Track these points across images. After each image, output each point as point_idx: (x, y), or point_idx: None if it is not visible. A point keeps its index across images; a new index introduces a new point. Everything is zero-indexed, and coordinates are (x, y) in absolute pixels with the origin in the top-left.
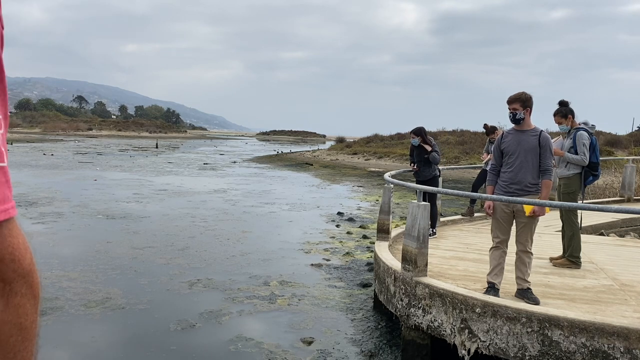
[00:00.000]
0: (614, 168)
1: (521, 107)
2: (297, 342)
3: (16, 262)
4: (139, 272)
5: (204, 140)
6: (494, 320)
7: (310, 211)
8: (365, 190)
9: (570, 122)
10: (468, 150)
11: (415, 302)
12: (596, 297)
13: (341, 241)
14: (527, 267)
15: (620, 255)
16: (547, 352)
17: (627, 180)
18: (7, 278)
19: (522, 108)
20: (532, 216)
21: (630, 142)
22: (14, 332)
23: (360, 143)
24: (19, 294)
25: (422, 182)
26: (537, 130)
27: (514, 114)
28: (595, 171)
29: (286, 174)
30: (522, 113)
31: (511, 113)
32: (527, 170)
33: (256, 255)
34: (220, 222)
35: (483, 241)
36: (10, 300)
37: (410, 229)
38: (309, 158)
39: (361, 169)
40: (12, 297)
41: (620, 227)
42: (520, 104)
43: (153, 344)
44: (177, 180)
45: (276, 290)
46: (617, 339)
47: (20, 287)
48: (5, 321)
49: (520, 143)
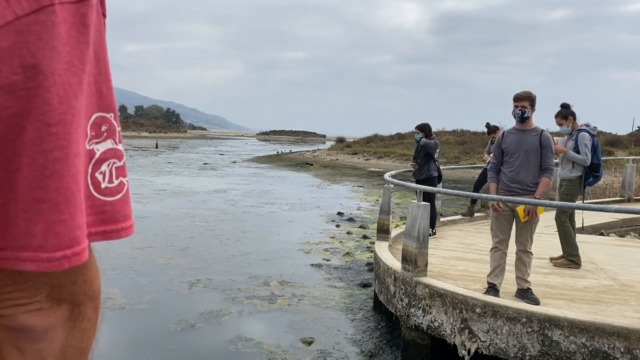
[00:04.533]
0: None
1: (530, 106)
2: (297, 342)
3: (88, 284)
4: (139, 272)
5: (204, 140)
6: (494, 321)
7: (310, 211)
8: (365, 190)
9: (571, 124)
10: (468, 150)
11: (416, 302)
12: (596, 297)
13: (341, 241)
14: (527, 267)
15: (621, 255)
16: (547, 352)
17: (627, 180)
18: (77, 300)
19: (530, 107)
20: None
21: (631, 142)
22: (76, 356)
23: (360, 143)
24: (86, 317)
25: (418, 182)
26: (539, 130)
27: (523, 111)
28: (597, 172)
29: (286, 174)
30: (529, 112)
31: (520, 110)
32: (529, 169)
33: (256, 255)
34: (220, 222)
35: (483, 241)
36: (78, 324)
37: (410, 229)
38: (308, 158)
39: (361, 169)
40: (80, 321)
41: (620, 227)
42: (529, 102)
43: (153, 344)
44: (177, 180)
45: (276, 290)
46: (617, 339)
47: (88, 310)
48: (70, 345)
49: (521, 142)
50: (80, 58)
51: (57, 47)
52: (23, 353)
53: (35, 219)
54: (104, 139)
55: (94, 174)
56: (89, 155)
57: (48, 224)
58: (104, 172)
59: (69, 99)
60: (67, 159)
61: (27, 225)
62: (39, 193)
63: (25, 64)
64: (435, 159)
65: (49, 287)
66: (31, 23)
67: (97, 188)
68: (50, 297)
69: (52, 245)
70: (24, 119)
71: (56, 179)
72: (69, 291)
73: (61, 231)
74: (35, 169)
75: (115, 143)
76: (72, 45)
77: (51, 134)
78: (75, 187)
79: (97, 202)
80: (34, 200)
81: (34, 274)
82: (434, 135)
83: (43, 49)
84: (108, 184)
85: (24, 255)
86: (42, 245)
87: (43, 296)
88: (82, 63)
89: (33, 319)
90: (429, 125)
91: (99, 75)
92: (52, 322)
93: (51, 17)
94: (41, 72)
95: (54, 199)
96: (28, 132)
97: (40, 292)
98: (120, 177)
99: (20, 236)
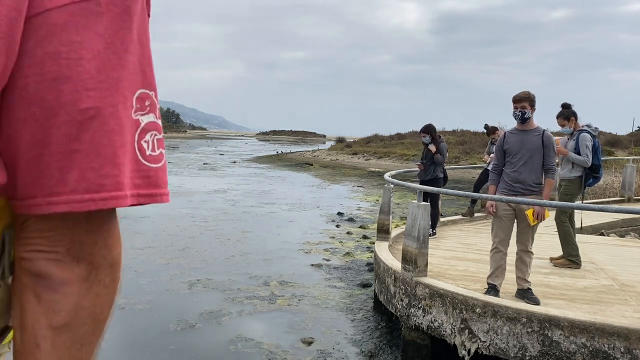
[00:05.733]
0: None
1: (530, 107)
2: (297, 342)
3: (107, 249)
4: (139, 272)
5: (204, 140)
6: (494, 321)
7: (310, 211)
8: (365, 190)
9: (573, 124)
10: (468, 150)
11: (416, 302)
12: (596, 297)
13: (341, 241)
14: (527, 267)
15: (621, 255)
16: (548, 353)
17: (627, 181)
18: (96, 263)
19: (530, 107)
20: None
21: (631, 142)
22: (88, 321)
23: (360, 143)
24: (102, 283)
25: (423, 182)
26: (540, 130)
27: (523, 112)
28: (597, 173)
29: (286, 174)
30: (530, 112)
31: (520, 111)
32: (532, 170)
33: (256, 255)
34: (220, 222)
35: (483, 241)
36: (94, 288)
37: (411, 229)
38: (308, 158)
39: (361, 169)
40: (96, 285)
41: (620, 227)
42: (529, 103)
43: (153, 344)
44: (177, 180)
45: (276, 290)
46: (618, 339)
47: (105, 277)
48: (83, 307)
49: (523, 143)
50: (121, 40)
51: (99, 28)
52: (39, 301)
53: (69, 167)
54: (147, 112)
55: (140, 141)
56: (135, 125)
57: (81, 171)
58: (148, 141)
59: (107, 71)
60: (100, 118)
61: (62, 173)
62: (75, 145)
63: (71, 39)
64: None
65: (70, 242)
66: (82, 8)
67: (143, 154)
68: (71, 253)
69: (82, 189)
70: (62, 83)
71: (90, 133)
72: (88, 251)
73: (91, 177)
74: (74, 124)
75: (156, 117)
76: (114, 29)
77: (88, 96)
78: (106, 142)
79: (143, 167)
80: (70, 151)
81: (58, 225)
82: (441, 137)
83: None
84: (152, 152)
85: (55, 200)
86: (74, 188)
87: (64, 249)
88: (124, 44)
89: (52, 268)
90: (433, 126)
91: (143, 58)
92: (69, 277)
93: (98, 7)
94: (83, 47)
95: (87, 150)
96: (65, 94)
97: (61, 244)
98: (160, 148)
99: (53, 184)
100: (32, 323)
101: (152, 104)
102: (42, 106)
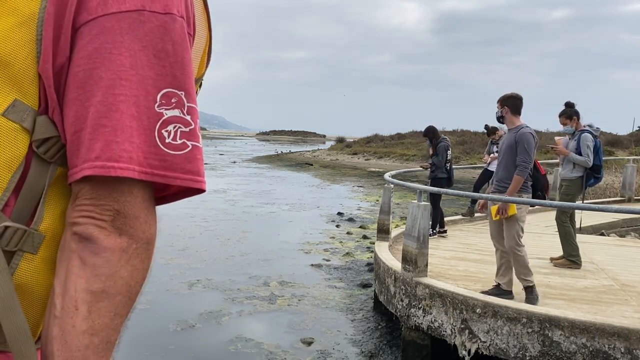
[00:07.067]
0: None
1: (500, 106)
2: (297, 342)
3: (146, 225)
4: None
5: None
6: (494, 321)
7: (310, 211)
8: (365, 190)
9: (575, 124)
10: (468, 150)
11: (416, 302)
12: (596, 297)
13: (341, 241)
14: (521, 266)
15: (621, 255)
16: (548, 353)
17: (627, 180)
18: (136, 236)
19: (501, 107)
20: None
21: (631, 142)
22: (123, 291)
23: (360, 143)
24: (139, 258)
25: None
26: (519, 128)
27: (496, 113)
28: (598, 173)
29: (286, 174)
30: (499, 112)
31: (496, 112)
32: (505, 167)
33: (256, 255)
34: (220, 222)
35: (483, 241)
36: (131, 260)
37: (411, 229)
38: (308, 158)
39: (361, 169)
40: (134, 257)
41: (620, 227)
42: (499, 103)
43: (152, 344)
44: None
45: (276, 290)
46: (618, 339)
47: (141, 251)
48: (121, 276)
49: (505, 142)
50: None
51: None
52: (84, 265)
53: (97, 139)
54: (172, 107)
55: (160, 130)
56: (158, 116)
57: (106, 142)
58: (170, 131)
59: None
60: (128, 102)
61: (91, 143)
62: (105, 121)
63: (115, 39)
64: (447, 159)
65: (115, 212)
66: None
67: (162, 141)
68: (115, 224)
69: (105, 157)
70: (103, 71)
71: (118, 112)
72: (130, 224)
73: (114, 148)
74: (107, 104)
75: (183, 113)
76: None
77: (122, 85)
78: (128, 123)
79: (160, 152)
80: (100, 125)
81: (106, 195)
82: (443, 137)
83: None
84: (172, 141)
85: (85, 166)
86: (99, 156)
87: (110, 219)
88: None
89: (99, 233)
90: (432, 128)
91: (175, 63)
92: (112, 244)
93: (140, 16)
94: (123, 46)
95: (113, 126)
96: (104, 80)
97: (108, 213)
98: (184, 139)
99: (85, 153)
100: (74, 286)
101: (179, 101)
102: (84, 89)
